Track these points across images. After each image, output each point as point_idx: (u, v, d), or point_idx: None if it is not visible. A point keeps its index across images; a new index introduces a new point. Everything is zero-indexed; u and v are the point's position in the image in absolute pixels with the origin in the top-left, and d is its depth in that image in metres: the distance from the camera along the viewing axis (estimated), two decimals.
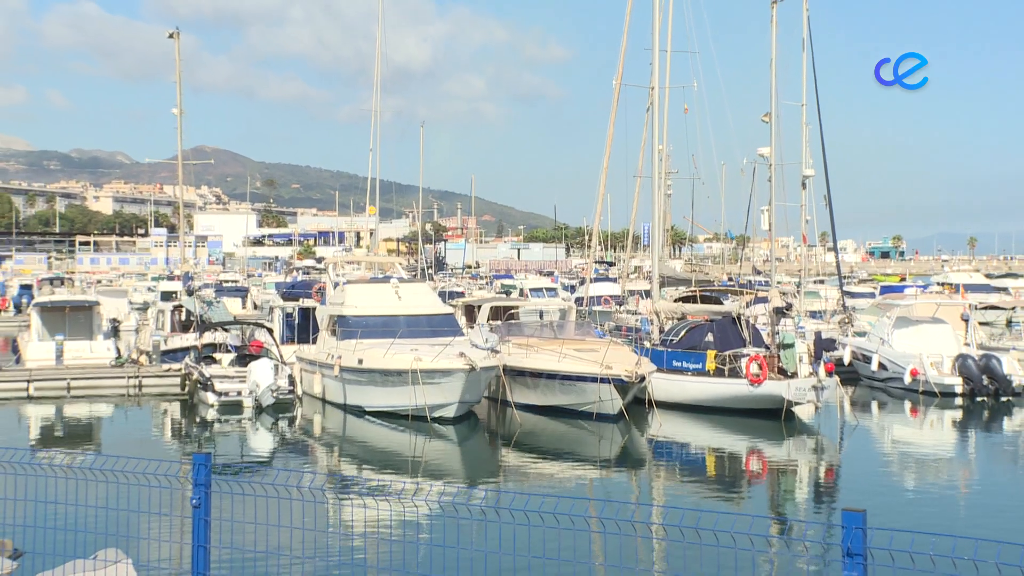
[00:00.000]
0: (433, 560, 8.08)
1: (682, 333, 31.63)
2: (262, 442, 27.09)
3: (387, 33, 60.02)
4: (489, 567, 5.76)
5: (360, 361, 28.21)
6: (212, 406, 28.97)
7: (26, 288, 68.86)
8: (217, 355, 32.42)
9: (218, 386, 29.16)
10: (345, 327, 30.40)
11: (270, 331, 34.11)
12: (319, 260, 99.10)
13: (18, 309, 63.73)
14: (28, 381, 32.42)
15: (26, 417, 30.36)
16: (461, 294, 55.11)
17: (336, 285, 36.58)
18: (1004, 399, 31.84)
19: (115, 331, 39.91)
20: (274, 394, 28.89)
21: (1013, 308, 41.77)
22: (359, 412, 28.65)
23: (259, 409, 28.77)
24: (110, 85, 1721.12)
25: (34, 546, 7.98)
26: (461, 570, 6.05)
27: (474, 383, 27.12)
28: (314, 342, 33.23)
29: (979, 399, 31.84)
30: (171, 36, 51.17)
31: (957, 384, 32.19)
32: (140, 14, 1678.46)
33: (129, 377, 33.10)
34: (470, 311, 40.70)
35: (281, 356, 31.61)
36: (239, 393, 29.06)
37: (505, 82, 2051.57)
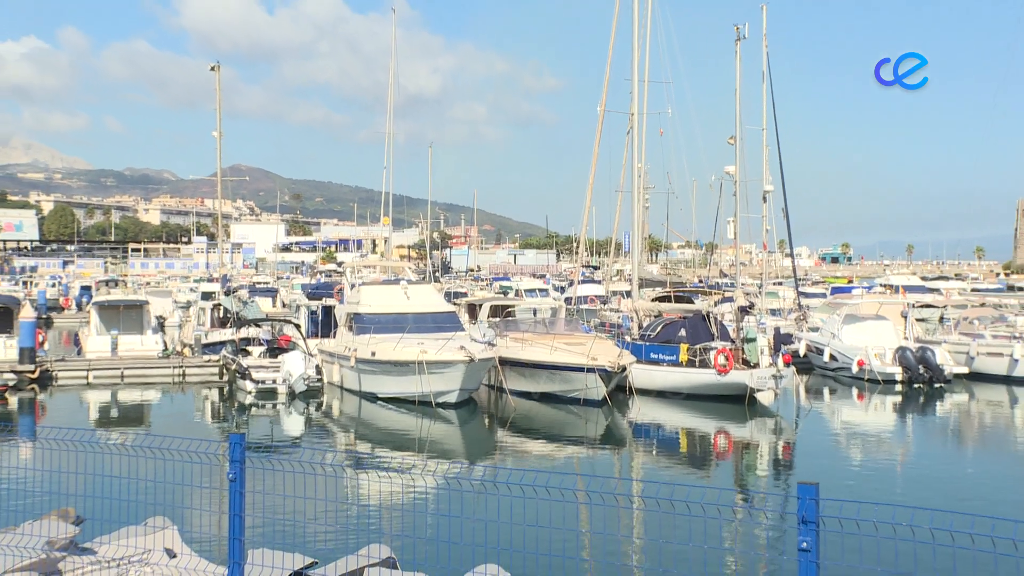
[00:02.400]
0: (440, 528, 8.08)
1: (658, 328, 31.65)
2: (291, 424, 27.04)
3: (401, 65, 60.13)
4: (489, 534, 5.75)
5: (373, 353, 28.20)
6: (250, 392, 28.96)
7: (86, 289, 68.91)
8: (250, 348, 32.42)
9: (255, 375, 29.17)
10: (360, 323, 30.39)
11: (297, 327, 34.11)
12: (339, 264, 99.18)
13: (79, 307, 63.87)
14: (88, 370, 32.55)
15: (86, 401, 30.34)
16: (464, 294, 54.97)
17: (353, 286, 36.52)
18: (937, 386, 31.99)
19: (162, 326, 39.90)
20: (305, 382, 28.97)
21: (944, 306, 41.96)
22: (372, 398, 28.63)
23: (291, 395, 28.78)
24: (159, 111, 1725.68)
25: (93, 513, 7.98)
26: (464, 537, 6.03)
27: (473, 372, 27.13)
28: (334, 336, 33.20)
29: (916, 386, 31.96)
30: (212, 69, 51.16)
31: (897, 373, 32.34)
32: (186, 49, 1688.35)
33: (174, 367, 33.14)
34: (472, 309, 40.74)
35: (308, 349, 31.61)
36: (274, 381, 29.09)
37: (504, 108, 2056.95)
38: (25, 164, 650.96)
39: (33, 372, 31.03)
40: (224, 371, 32.13)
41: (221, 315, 37.66)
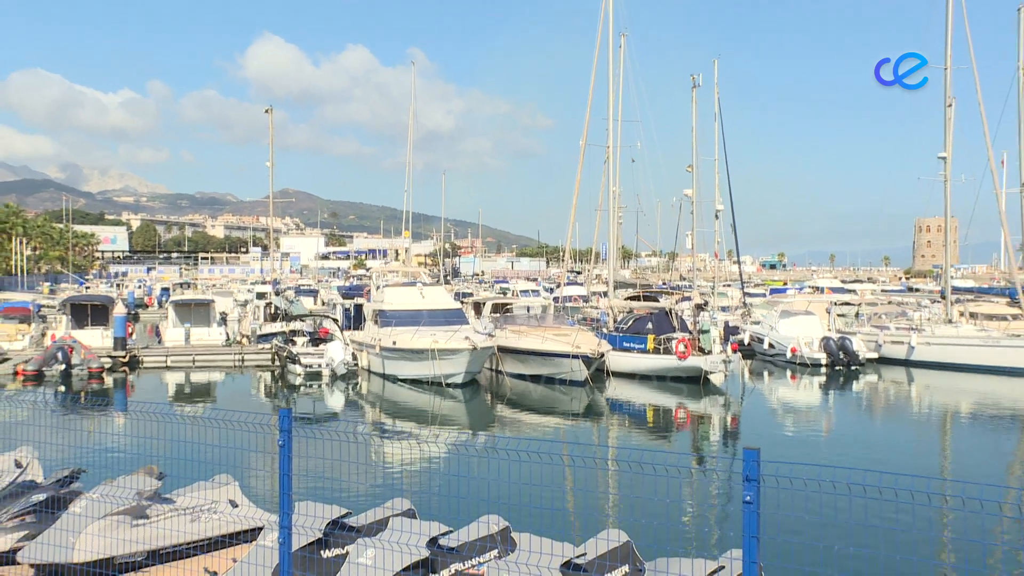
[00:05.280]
0: (450, 485, 8.08)
1: (630, 322, 31.66)
2: (330, 400, 27.00)
3: (420, 107, 60.07)
4: (491, 490, 5.74)
5: (394, 343, 28.18)
6: (299, 375, 28.96)
7: (165, 290, 68.84)
8: (296, 338, 32.38)
9: (303, 360, 29.18)
10: (384, 318, 30.37)
11: (335, 321, 34.07)
12: (368, 270, 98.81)
13: (160, 304, 63.79)
14: (166, 356, 32.64)
15: (165, 381, 30.30)
16: (471, 294, 54.74)
17: (379, 288, 36.52)
18: (854, 368, 32.16)
19: (225, 320, 39.86)
20: (345, 366, 28.99)
21: (859, 304, 42.33)
22: (393, 379, 28.60)
23: (333, 377, 28.78)
24: (224, 146, 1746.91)
25: (172, 471, 8.01)
26: (470, 492, 6.03)
27: (476, 358, 27.11)
28: (363, 329, 33.16)
29: (837, 368, 32.08)
30: (266, 112, 51.27)
31: (822, 358, 32.41)
32: (247, 96, 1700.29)
33: (235, 353, 33.17)
34: (477, 307, 40.66)
35: (344, 339, 31.56)
36: (319, 365, 29.06)
37: (505, 143, 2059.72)
38: (119, 189, 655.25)
39: (124, 357, 31.20)
40: (276, 357, 32.07)
41: (272, 311, 37.65)
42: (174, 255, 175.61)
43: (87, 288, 69.01)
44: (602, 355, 27.66)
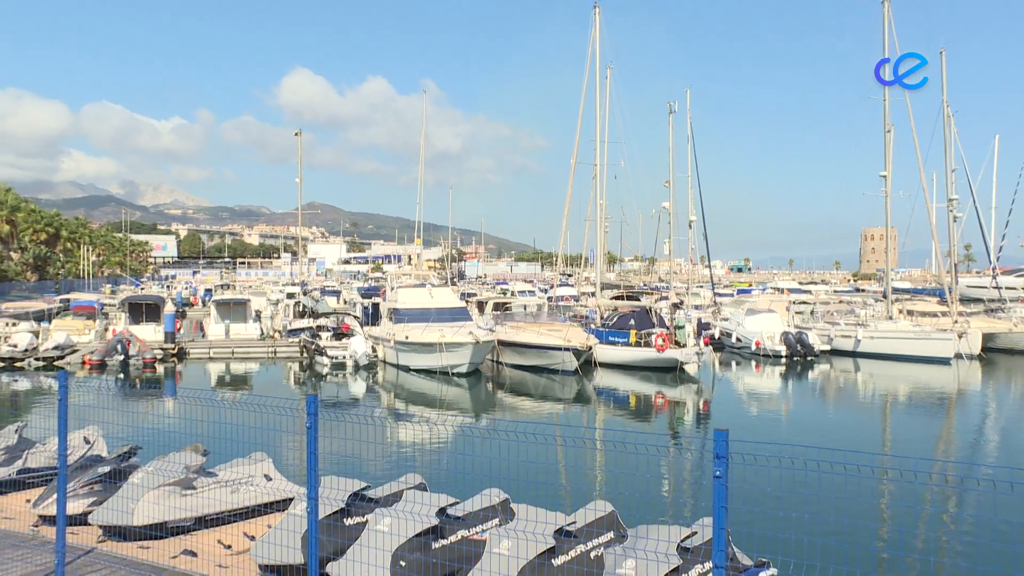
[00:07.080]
0: (456, 461, 8.08)
1: (615, 319, 31.66)
2: (352, 388, 26.94)
3: (431, 130, 59.98)
4: (492, 468, 5.74)
5: (407, 337, 28.17)
6: (325, 365, 28.94)
7: (208, 291, 68.82)
8: (321, 333, 32.36)
9: (330, 352, 29.17)
10: (397, 315, 30.36)
11: (355, 318, 34.08)
12: (384, 273, 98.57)
13: (203, 303, 63.76)
14: (209, 348, 32.66)
15: (208, 370, 30.27)
16: (474, 295, 54.69)
17: (393, 288, 36.50)
18: (809, 359, 32.19)
19: (259, 317, 39.83)
20: (367, 357, 28.97)
21: (814, 303, 42.56)
22: (406, 369, 28.57)
23: (356, 367, 28.74)
24: (259, 165, 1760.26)
25: (214, 448, 8.04)
26: (475, 469, 6.03)
27: (479, 351, 27.11)
28: (380, 325, 33.13)
29: (795, 359, 32.08)
30: (296, 135, 51.24)
31: (782, 350, 32.44)
32: (281, 121, 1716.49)
33: (268, 347, 33.15)
34: (480, 305, 40.65)
35: (363, 334, 31.52)
36: (343, 357, 29.02)
37: (506, 161, 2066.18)
38: (169, 203, 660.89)
39: (173, 349, 31.28)
40: (304, 350, 32.04)
41: (301, 309, 37.64)
42: (217, 260, 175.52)
43: (142, 289, 69.24)
44: (590, 348, 27.65)
